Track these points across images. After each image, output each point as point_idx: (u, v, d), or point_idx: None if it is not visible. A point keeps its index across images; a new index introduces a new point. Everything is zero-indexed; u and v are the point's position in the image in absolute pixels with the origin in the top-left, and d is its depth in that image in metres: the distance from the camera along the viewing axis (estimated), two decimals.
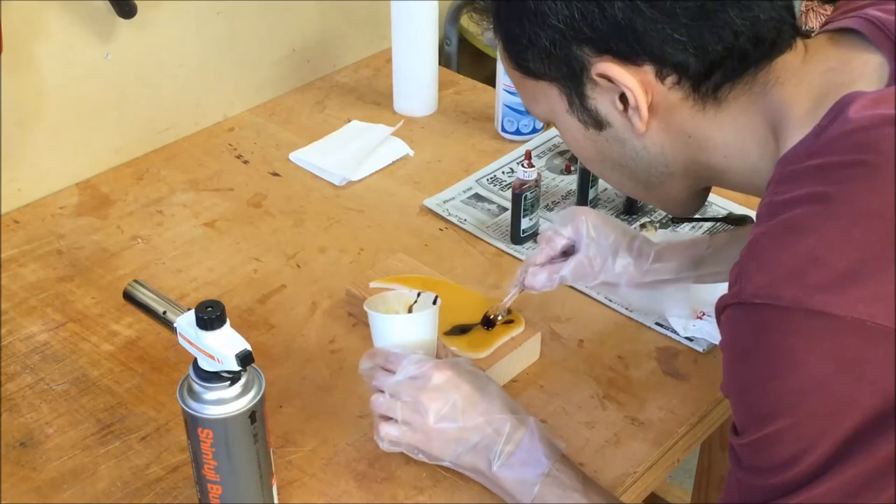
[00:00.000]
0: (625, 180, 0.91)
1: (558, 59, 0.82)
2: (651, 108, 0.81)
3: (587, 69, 0.81)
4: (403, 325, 1.01)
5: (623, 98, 0.81)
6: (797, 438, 0.71)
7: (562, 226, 1.11)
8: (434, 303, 1.04)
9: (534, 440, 0.95)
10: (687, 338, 1.18)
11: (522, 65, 0.85)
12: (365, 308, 1.02)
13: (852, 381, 0.68)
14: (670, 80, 0.80)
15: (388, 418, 0.97)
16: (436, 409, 0.94)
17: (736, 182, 0.87)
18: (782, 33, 0.79)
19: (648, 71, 0.79)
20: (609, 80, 0.80)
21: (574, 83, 0.83)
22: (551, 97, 0.86)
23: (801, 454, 0.71)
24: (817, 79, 0.79)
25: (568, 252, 1.11)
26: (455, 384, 0.96)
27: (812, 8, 2.05)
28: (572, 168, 1.49)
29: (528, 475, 0.94)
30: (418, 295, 1.06)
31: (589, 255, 1.09)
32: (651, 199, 0.95)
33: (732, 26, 0.77)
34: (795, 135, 0.77)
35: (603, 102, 0.83)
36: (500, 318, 1.11)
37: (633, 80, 0.79)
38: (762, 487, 0.74)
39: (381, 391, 0.97)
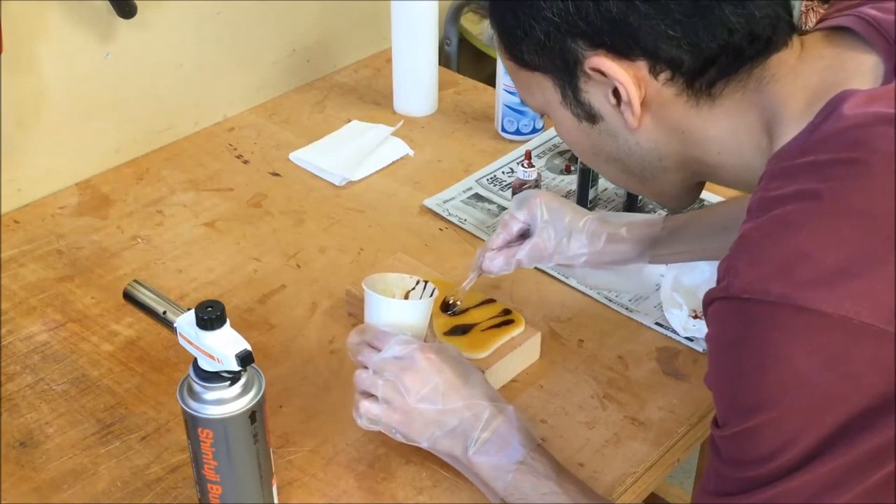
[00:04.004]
0: (618, 173, 0.91)
1: (552, 51, 0.82)
2: (644, 103, 0.81)
3: (581, 62, 0.81)
4: (395, 309, 1.02)
5: (616, 93, 0.81)
6: (778, 433, 0.71)
7: (517, 210, 1.14)
8: (431, 295, 1.06)
9: (511, 428, 0.96)
10: (687, 338, 1.18)
11: (517, 56, 0.85)
12: (363, 285, 1.04)
13: (836, 378, 0.69)
14: (664, 75, 0.80)
15: (369, 395, 0.98)
16: (417, 390, 0.95)
17: (729, 178, 0.87)
18: (778, 31, 0.79)
19: (642, 66, 0.79)
20: (602, 74, 0.80)
21: (568, 76, 0.83)
22: (545, 89, 0.86)
23: (781, 449, 0.71)
24: (812, 77, 0.79)
25: (525, 235, 1.14)
26: (438, 368, 0.97)
27: (812, 8, 2.05)
28: (572, 168, 1.49)
29: (502, 462, 0.94)
30: (417, 283, 1.08)
31: (543, 237, 1.12)
32: (645, 192, 0.95)
33: (727, 23, 0.77)
34: (789, 132, 0.77)
35: (596, 96, 0.83)
36: (458, 302, 1.14)
37: (625, 74, 0.79)
38: (739, 479, 0.75)
39: (366, 367, 0.98)
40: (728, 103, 0.81)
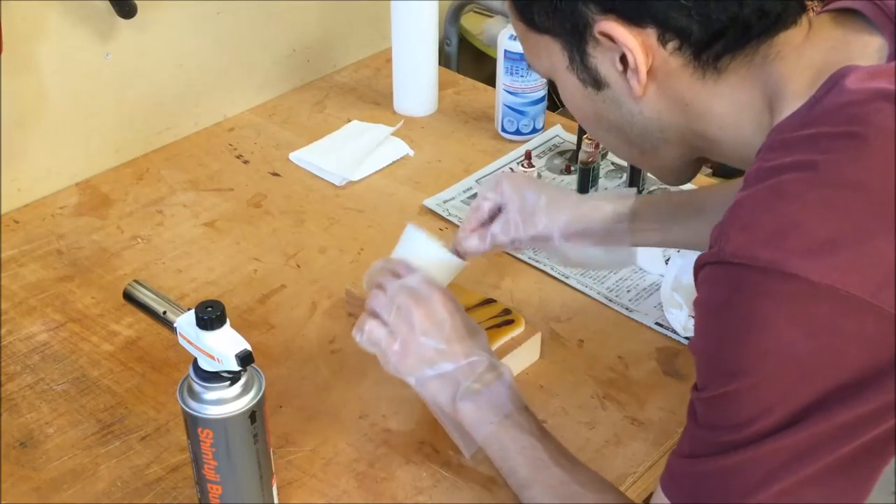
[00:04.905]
0: (619, 143, 0.91)
1: (563, 14, 0.82)
2: (650, 72, 0.81)
3: (590, 27, 0.81)
4: (431, 253, 1.04)
5: (623, 59, 0.81)
6: (755, 400, 0.72)
7: (486, 191, 1.14)
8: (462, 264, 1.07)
9: (502, 387, 0.96)
10: (687, 338, 1.18)
11: (528, 17, 0.85)
12: (407, 222, 1.06)
13: (819, 349, 0.69)
14: (672, 45, 0.79)
15: (377, 319, 0.98)
16: (423, 325, 0.96)
17: (728, 154, 0.88)
18: (788, 8, 0.79)
19: (651, 34, 0.79)
20: (611, 39, 0.80)
21: (576, 40, 0.83)
22: (553, 53, 0.86)
23: (757, 416, 0.71)
24: (817, 56, 0.79)
25: (496, 216, 1.14)
26: (451, 313, 0.97)
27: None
28: (572, 168, 1.49)
29: (487, 413, 0.94)
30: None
31: (514, 211, 1.11)
32: (644, 164, 0.95)
33: None
34: (790, 110, 0.77)
35: (603, 62, 0.83)
36: None
37: (634, 41, 0.79)
38: (712, 443, 0.75)
39: (383, 291, 0.99)
40: (733, 79, 0.81)
